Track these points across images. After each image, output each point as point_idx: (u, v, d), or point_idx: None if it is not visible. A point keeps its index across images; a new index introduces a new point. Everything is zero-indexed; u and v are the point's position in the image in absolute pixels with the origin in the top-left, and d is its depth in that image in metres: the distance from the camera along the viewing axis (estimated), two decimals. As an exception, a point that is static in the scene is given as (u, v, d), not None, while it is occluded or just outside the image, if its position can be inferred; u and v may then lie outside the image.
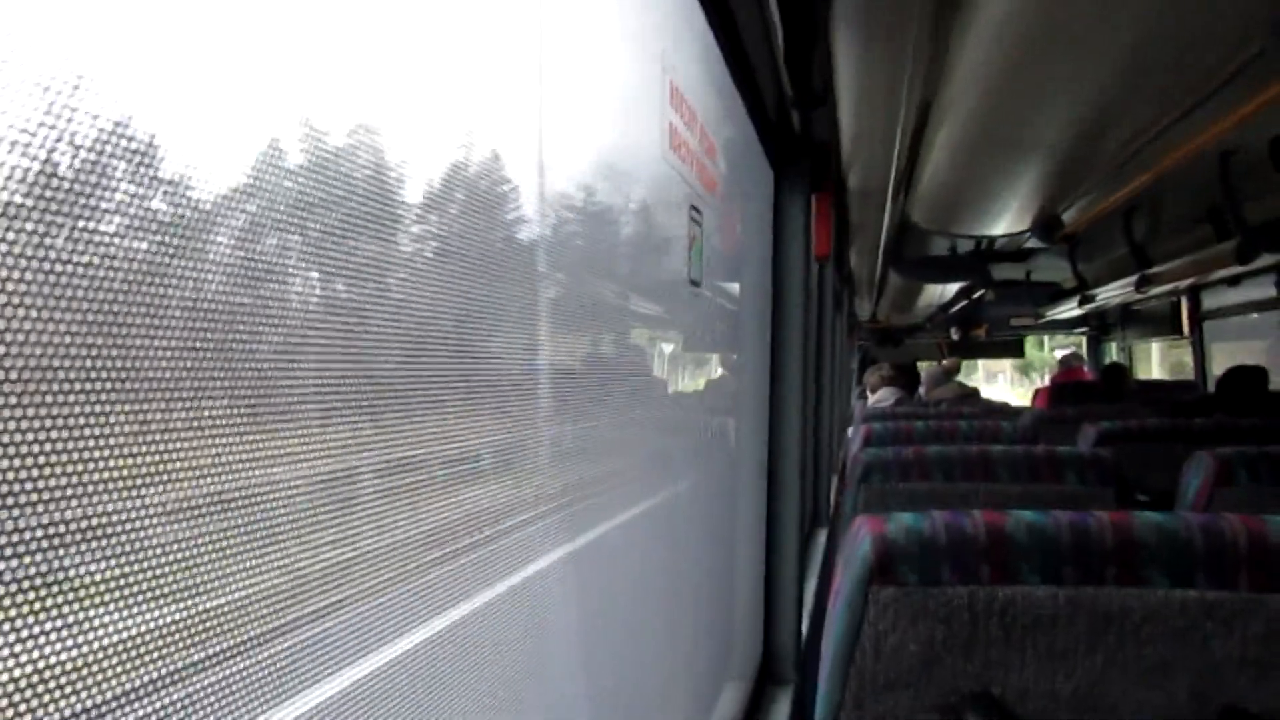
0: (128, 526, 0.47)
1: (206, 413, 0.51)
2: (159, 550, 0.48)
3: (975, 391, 6.94)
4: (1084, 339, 10.24)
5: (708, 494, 1.94)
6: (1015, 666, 1.09)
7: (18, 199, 0.40)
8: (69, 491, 0.43)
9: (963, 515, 1.11)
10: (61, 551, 0.43)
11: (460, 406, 0.82)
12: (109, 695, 0.46)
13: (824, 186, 2.43)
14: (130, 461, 0.46)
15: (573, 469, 1.12)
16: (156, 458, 0.48)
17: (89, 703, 0.45)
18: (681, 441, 1.70)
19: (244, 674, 0.55)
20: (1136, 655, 1.06)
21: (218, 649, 0.54)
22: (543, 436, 1.00)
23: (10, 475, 0.40)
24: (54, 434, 0.42)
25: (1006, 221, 4.29)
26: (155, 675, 0.49)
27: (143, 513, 0.47)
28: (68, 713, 0.44)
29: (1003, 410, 5.14)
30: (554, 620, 1.11)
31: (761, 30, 1.52)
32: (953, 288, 7.58)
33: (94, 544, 0.45)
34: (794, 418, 2.30)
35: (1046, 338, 14.23)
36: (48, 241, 0.41)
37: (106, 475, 0.45)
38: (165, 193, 0.48)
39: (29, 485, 0.41)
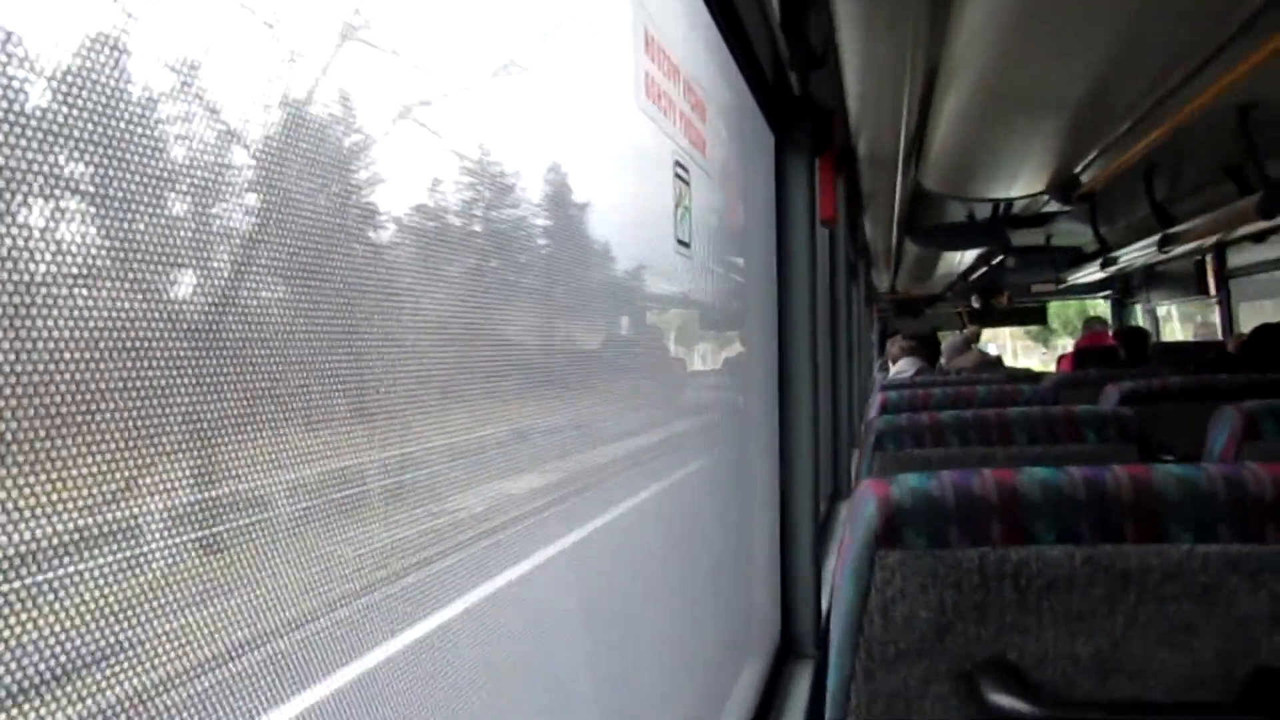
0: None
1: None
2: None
3: (997, 359, 6.87)
4: (1108, 302, 10.11)
5: (720, 469, 1.89)
6: (1032, 631, 1.04)
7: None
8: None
9: (971, 474, 1.06)
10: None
11: (466, 395, 0.81)
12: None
13: (827, 149, 2.37)
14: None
15: (567, 458, 1.09)
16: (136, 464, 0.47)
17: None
18: (685, 416, 1.66)
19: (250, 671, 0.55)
20: (1159, 615, 1.00)
21: (222, 649, 0.54)
22: (531, 424, 0.97)
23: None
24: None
25: (1022, 183, 4.21)
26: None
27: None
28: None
29: (1024, 376, 5.07)
30: (574, 600, 1.09)
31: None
32: (971, 255, 7.49)
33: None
34: (804, 388, 2.25)
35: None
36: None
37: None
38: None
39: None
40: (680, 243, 1.30)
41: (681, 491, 1.63)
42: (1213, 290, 6.97)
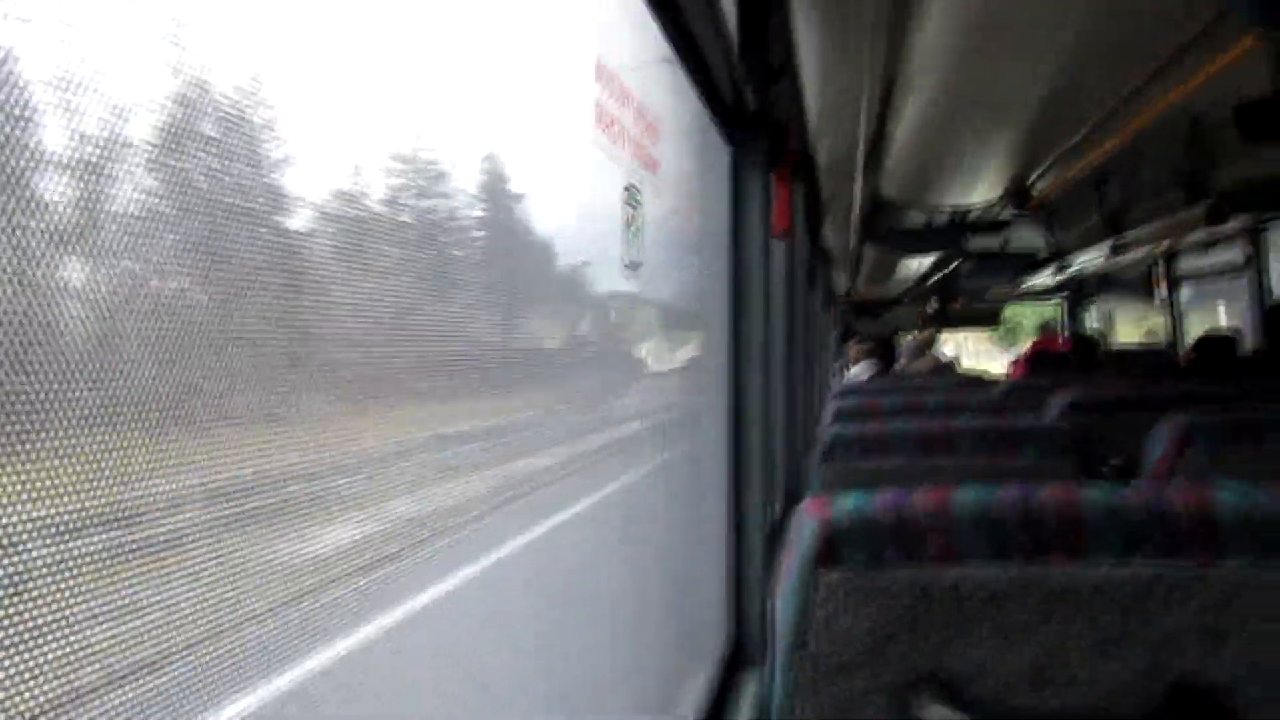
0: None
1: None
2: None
3: (952, 363, 6.96)
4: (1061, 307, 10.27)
5: (670, 477, 1.91)
6: (966, 646, 1.07)
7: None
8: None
9: (907, 495, 1.09)
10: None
11: (403, 400, 0.80)
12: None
13: (782, 163, 2.40)
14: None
15: (515, 458, 1.10)
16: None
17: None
18: (637, 425, 1.67)
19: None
20: (1087, 630, 1.04)
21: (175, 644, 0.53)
22: (477, 427, 0.98)
23: None
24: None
25: (978, 192, 4.29)
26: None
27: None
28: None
29: (976, 382, 5.15)
30: (515, 609, 1.10)
31: (705, 8, 1.49)
32: (929, 260, 7.59)
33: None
34: (757, 397, 2.28)
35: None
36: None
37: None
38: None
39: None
40: (631, 264, 1.32)
41: (629, 498, 1.65)
42: (1164, 294, 7.11)
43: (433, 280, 0.84)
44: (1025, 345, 11.66)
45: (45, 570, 0.45)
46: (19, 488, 0.43)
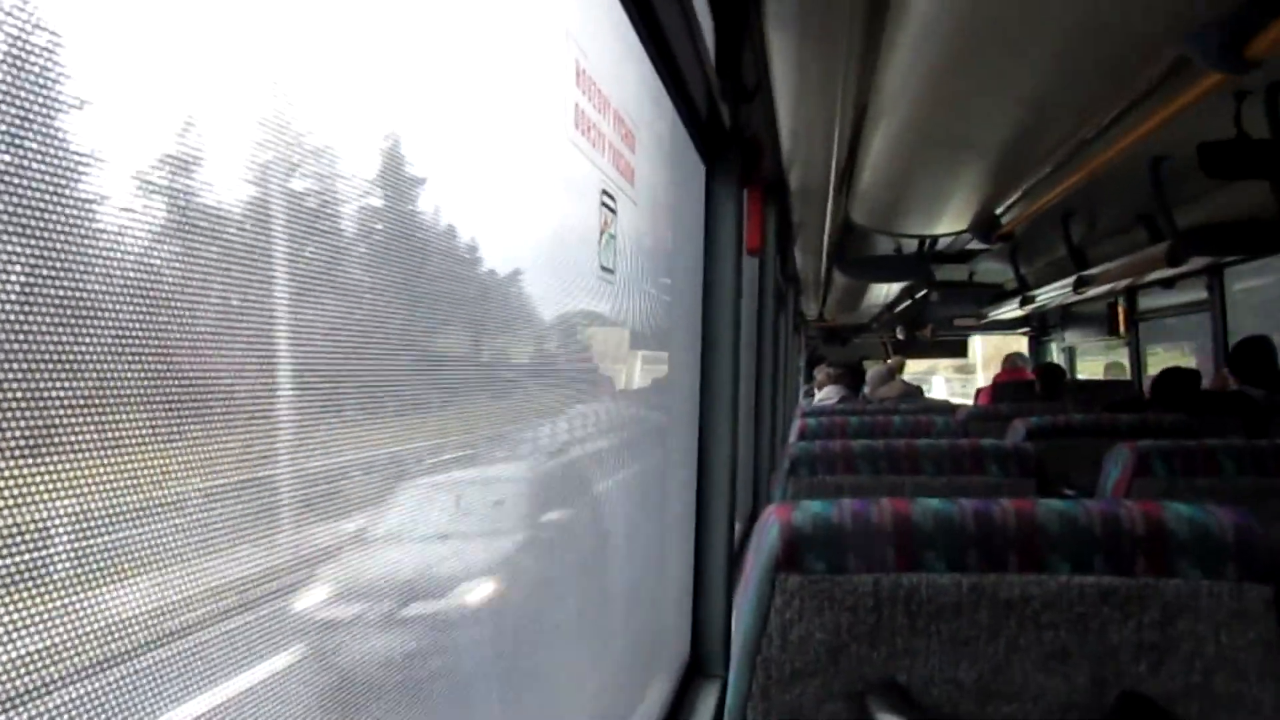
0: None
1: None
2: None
3: (918, 390, 7.03)
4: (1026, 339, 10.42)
5: (634, 489, 1.92)
6: (920, 654, 1.09)
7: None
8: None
9: (870, 503, 1.11)
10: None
11: (359, 412, 0.80)
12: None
13: (755, 181, 2.44)
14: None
15: (477, 464, 1.10)
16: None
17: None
18: (603, 434, 1.68)
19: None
20: (1037, 641, 1.07)
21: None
22: (436, 439, 0.98)
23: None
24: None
25: (945, 222, 4.35)
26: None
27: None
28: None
29: (941, 408, 5.22)
30: (472, 619, 1.10)
31: (683, 23, 1.52)
32: (897, 288, 7.68)
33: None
34: (724, 412, 2.30)
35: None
36: None
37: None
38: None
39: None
40: (604, 268, 1.34)
41: (592, 508, 1.65)
42: (1122, 331, 7.24)
43: (398, 304, 0.84)
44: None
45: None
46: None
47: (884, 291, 8.07)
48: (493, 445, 1.12)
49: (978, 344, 13.78)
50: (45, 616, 0.47)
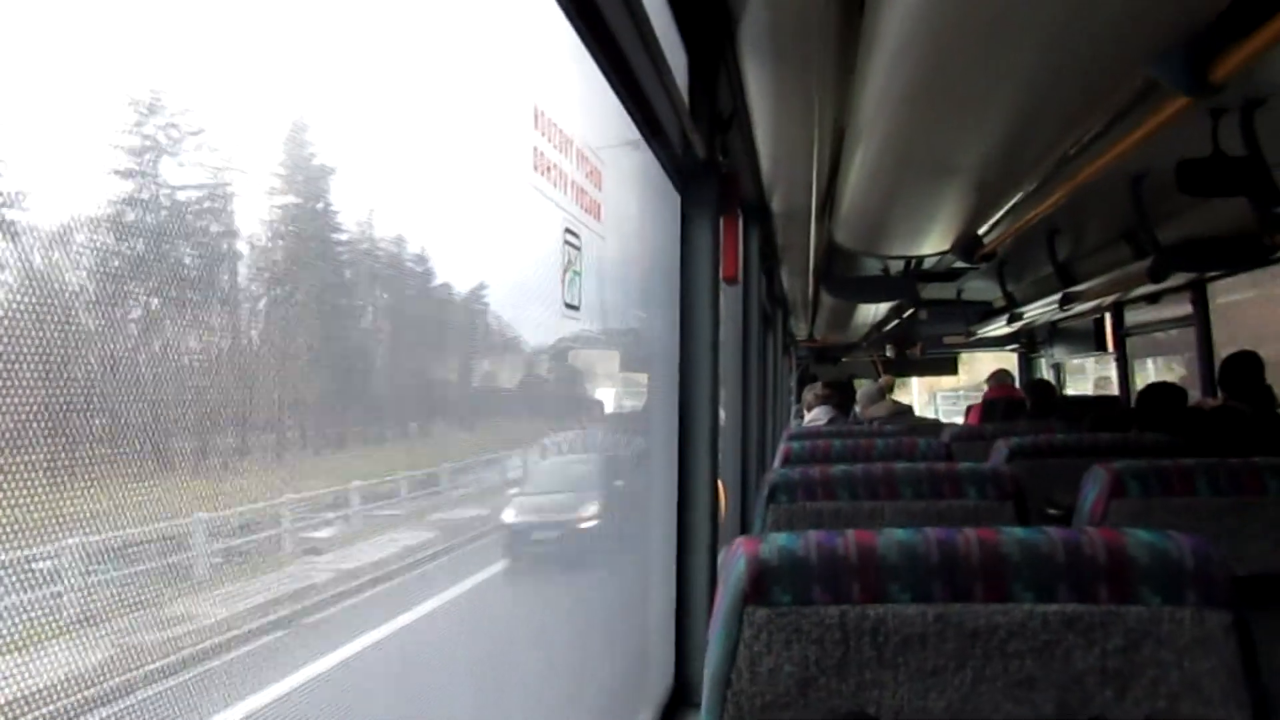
0: None
1: None
2: None
3: (909, 409, 7.03)
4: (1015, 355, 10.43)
5: (615, 519, 1.92)
6: (889, 685, 1.09)
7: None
8: None
9: (836, 535, 1.12)
10: None
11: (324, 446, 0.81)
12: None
13: (731, 209, 2.45)
14: None
15: (454, 498, 1.11)
16: None
17: None
18: (583, 467, 1.69)
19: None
20: (1004, 670, 1.07)
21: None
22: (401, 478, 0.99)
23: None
24: None
25: (929, 242, 4.37)
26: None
27: None
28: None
29: (930, 427, 5.22)
30: (458, 651, 1.10)
31: (650, 58, 1.53)
32: (885, 307, 7.70)
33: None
34: (704, 440, 2.30)
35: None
36: None
37: None
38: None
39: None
40: (569, 305, 1.35)
41: (574, 540, 1.65)
42: (1110, 347, 7.26)
43: (371, 343, 0.85)
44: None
45: None
46: None
47: (873, 310, 8.09)
48: (455, 477, 1.12)
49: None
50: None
